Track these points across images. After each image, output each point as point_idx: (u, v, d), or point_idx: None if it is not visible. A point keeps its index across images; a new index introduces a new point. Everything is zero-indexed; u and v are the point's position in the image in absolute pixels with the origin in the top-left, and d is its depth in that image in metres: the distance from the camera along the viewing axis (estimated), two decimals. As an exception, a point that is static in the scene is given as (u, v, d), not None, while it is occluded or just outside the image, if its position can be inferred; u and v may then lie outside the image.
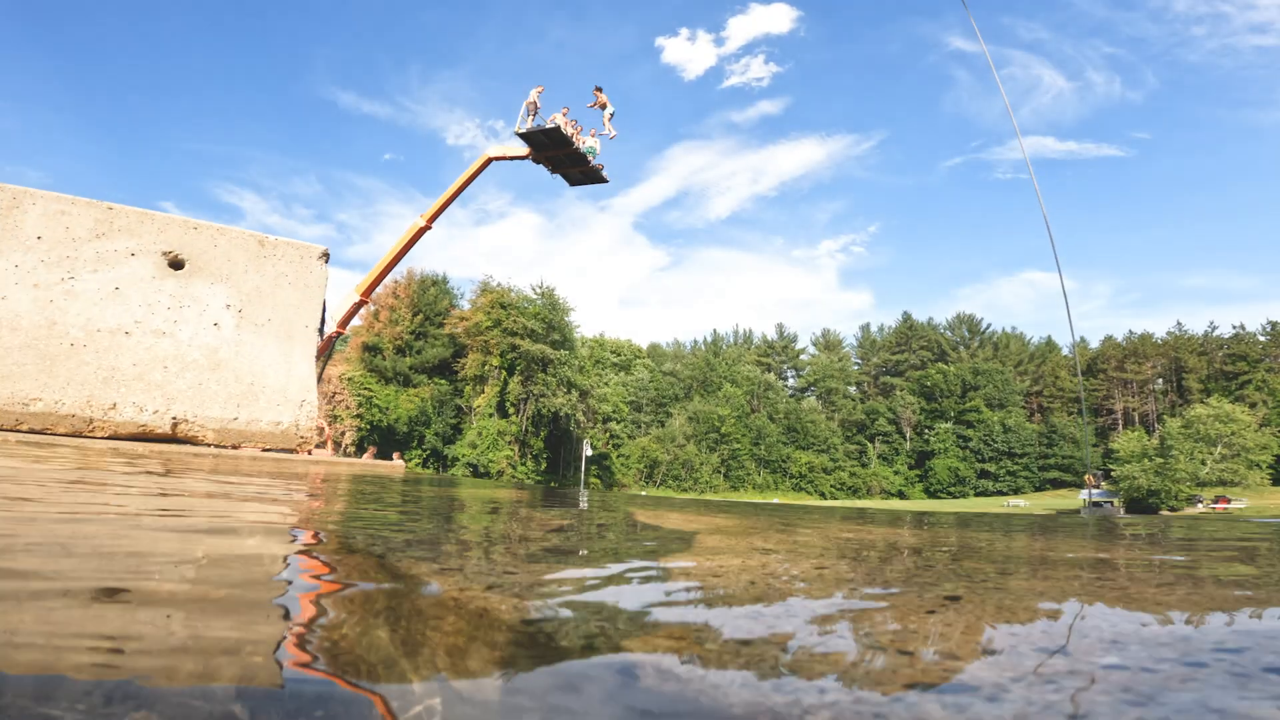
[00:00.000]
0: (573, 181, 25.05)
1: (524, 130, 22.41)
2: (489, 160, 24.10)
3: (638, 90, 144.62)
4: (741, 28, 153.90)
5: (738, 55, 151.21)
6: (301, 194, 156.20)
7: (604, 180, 24.85)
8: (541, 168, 23.96)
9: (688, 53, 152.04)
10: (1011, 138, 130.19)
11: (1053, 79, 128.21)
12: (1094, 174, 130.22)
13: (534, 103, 22.45)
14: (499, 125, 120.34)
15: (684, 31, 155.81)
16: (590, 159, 23.40)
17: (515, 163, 24.27)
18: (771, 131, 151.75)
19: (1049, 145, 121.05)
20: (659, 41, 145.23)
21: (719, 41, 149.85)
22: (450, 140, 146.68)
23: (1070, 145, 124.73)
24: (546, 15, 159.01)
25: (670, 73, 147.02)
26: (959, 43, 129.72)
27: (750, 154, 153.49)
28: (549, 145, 22.74)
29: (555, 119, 22.17)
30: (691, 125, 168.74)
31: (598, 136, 23.48)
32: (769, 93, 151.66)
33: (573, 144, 22.62)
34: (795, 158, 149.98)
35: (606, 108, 23.19)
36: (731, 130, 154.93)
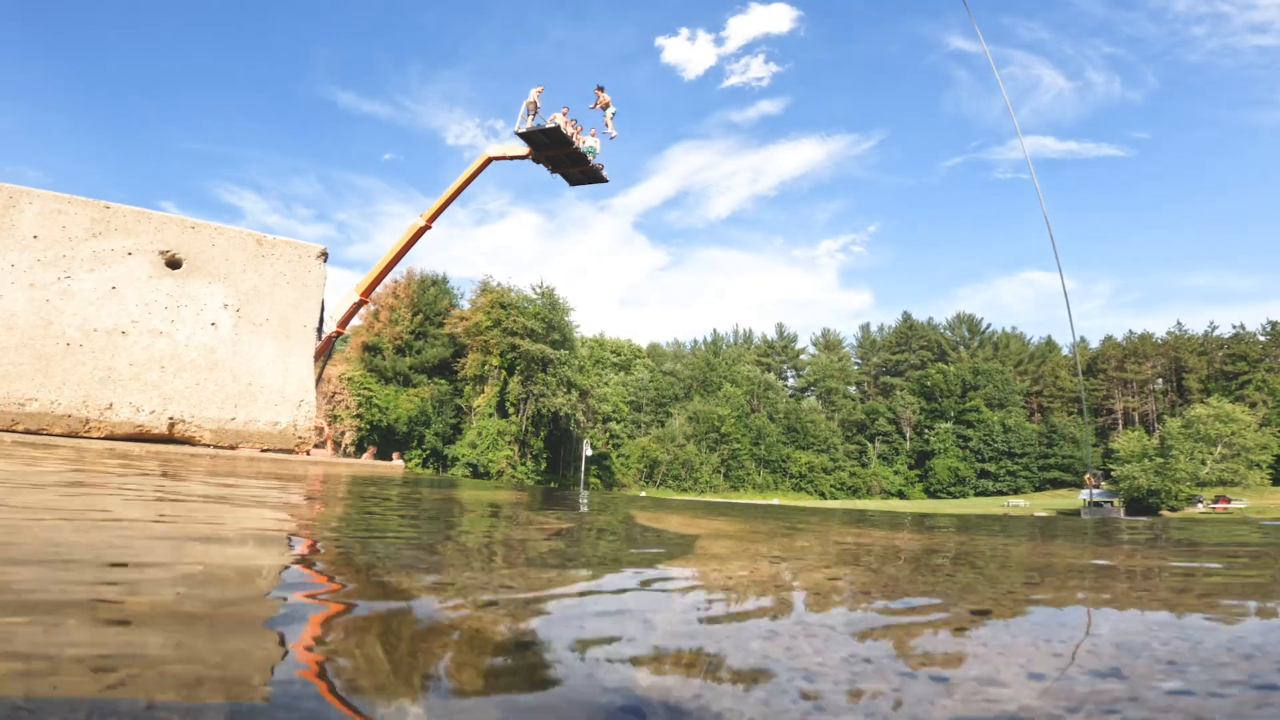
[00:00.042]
0: (573, 181, 25.00)
1: (524, 130, 22.36)
2: (489, 160, 24.05)
3: (638, 90, 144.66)
4: (741, 28, 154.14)
5: (738, 55, 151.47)
6: (301, 194, 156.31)
7: (604, 180, 24.80)
8: (541, 167, 23.92)
9: (688, 53, 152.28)
10: (1011, 137, 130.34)
11: (1053, 79, 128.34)
12: (1094, 174, 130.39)
13: (534, 102, 22.41)
14: (499, 125, 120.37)
15: (684, 31, 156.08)
16: (590, 158, 23.35)
17: (515, 162, 24.22)
18: (771, 131, 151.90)
19: (1049, 145, 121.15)
20: (659, 41, 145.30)
21: (719, 41, 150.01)
22: (450, 140, 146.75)
23: (1070, 145, 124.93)
24: (546, 15, 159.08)
25: (670, 73, 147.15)
26: (959, 42, 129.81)
27: (750, 154, 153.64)
28: (549, 145, 22.69)
29: (555, 118, 22.12)
30: (691, 125, 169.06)
31: (598, 136, 23.43)
32: (769, 92, 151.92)
33: (572, 143, 22.58)
34: (795, 158, 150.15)
35: (609, 108, 23.12)
36: (731, 130, 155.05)
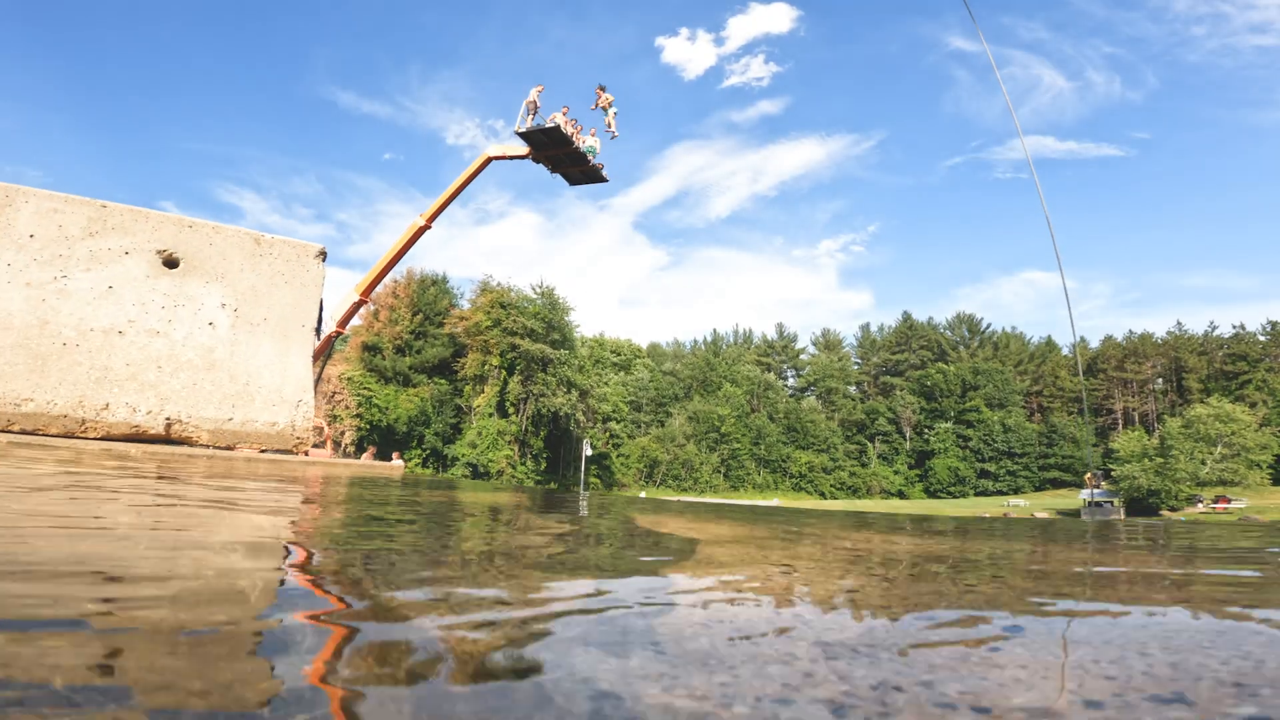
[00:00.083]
0: (572, 181, 24.97)
1: (524, 129, 22.33)
2: (489, 159, 24.02)
3: (638, 90, 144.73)
4: (741, 27, 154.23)
5: (738, 55, 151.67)
6: (301, 194, 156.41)
7: (604, 179, 24.77)
8: (541, 167, 23.89)
9: (688, 52, 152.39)
10: (1011, 137, 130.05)
11: (1053, 79, 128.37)
12: (1094, 174, 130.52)
13: (534, 102, 22.38)
14: (499, 125, 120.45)
15: (684, 31, 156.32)
16: (590, 158, 23.32)
17: (515, 162, 24.19)
18: (771, 131, 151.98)
19: (1049, 145, 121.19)
20: (659, 41, 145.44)
21: (719, 41, 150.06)
22: (450, 140, 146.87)
23: (1070, 145, 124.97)
24: (546, 15, 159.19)
25: (670, 72, 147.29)
26: (959, 42, 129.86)
27: (750, 154, 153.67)
28: (549, 144, 22.66)
29: (555, 118, 22.09)
30: (691, 125, 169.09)
31: (598, 135, 23.40)
32: (769, 92, 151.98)
33: (572, 143, 22.55)
34: (795, 157, 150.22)
35: (610, 107, 23.06)
36: (731, 130, 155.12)
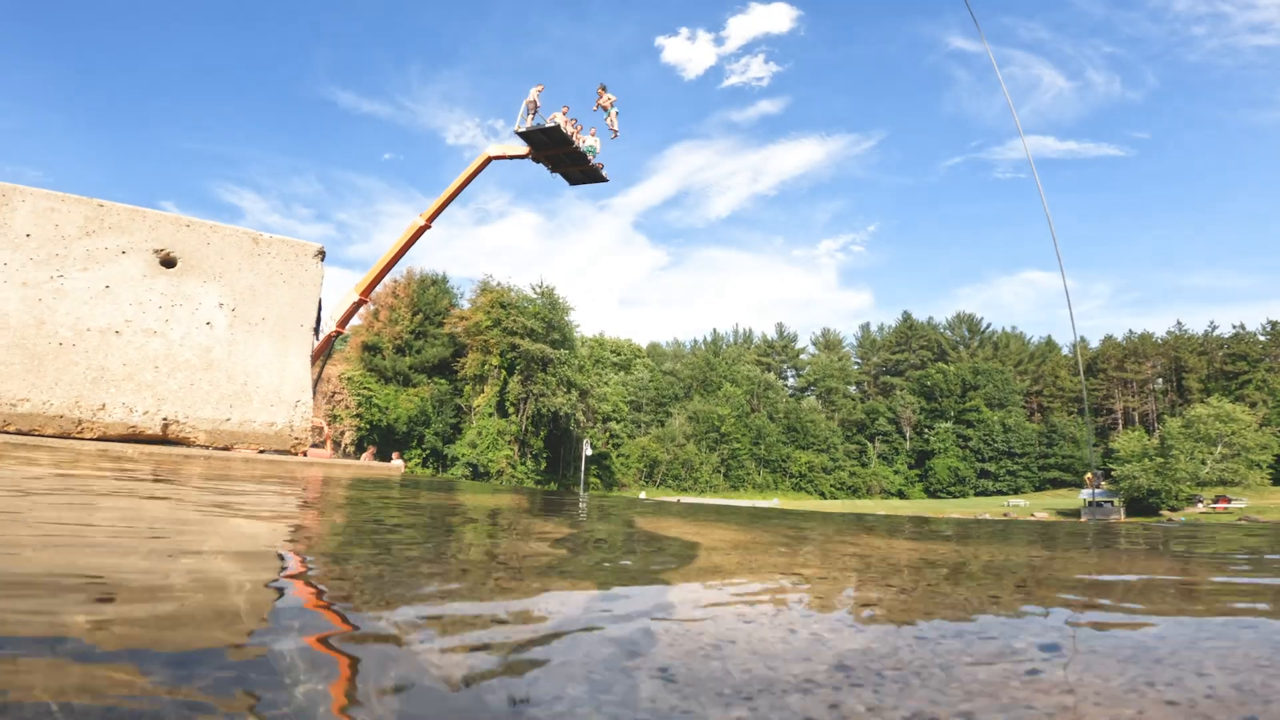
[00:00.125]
0: (572, 180, 24.94)
1: (524, 129, 22.30)
2: (489, 159, 23.99)
3: (638, 90, 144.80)
4: (741, 27, 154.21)
5: (738, 55, 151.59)
6: (301, 193, 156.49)
7: (604, 179, 24.74)
8: (541, 166, 23.86)
9: (688, 52, 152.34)
10: (1011, 137, 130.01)
11: (1053, 79, 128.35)
12: (1094, 174, 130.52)
13: (534, 101, 22.35)
14: (499, 124, 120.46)
15: (684, 31, 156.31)
16: (590, 158, 23.29)
17: (515, 162, 24.16)
18: (771, 131, 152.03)
19: (1049, 145, 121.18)
20: (659, 41, 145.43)
21: (719, 41, 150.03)
22: (450, 140, 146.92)
23: (1070, 145, 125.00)
24: (546, 15, 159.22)
25: (670, 72, 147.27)
26: (959, 42, 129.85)
27: (750, 153, 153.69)
28: (549, 144, 22.63)
29: (555, 118, 22.06)
30: (691, 125, 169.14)
31: (598, 135, 23.37)
32: (769, 92, 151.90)
33: (572, 143, 22.52)
34: (795, 157, 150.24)
35: (611, 107, 23.02)
36: (731, 130, 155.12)
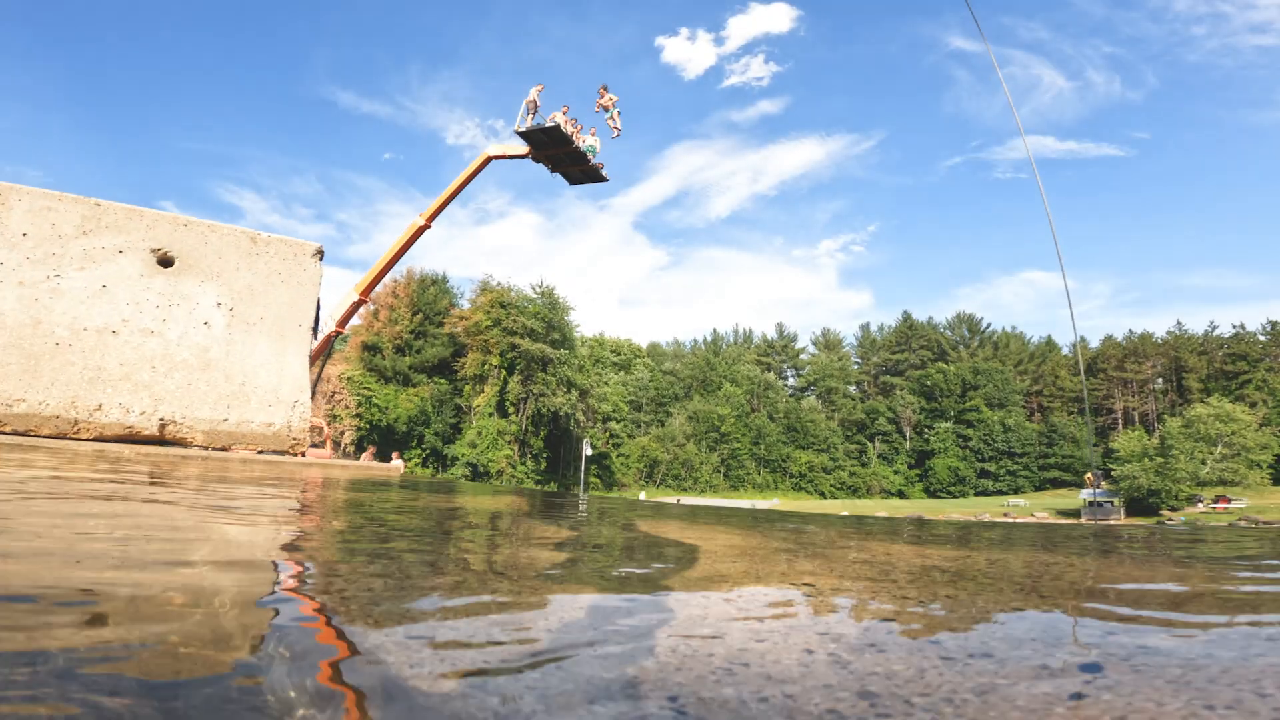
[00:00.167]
0: (572, 180, 24.91)
1: (524, 129, 22.28)
2: (488, 159, 23.96)
3: (638, 90, 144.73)
4: (741, 27, 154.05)
5: (738, 55, 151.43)
6: (301, 193, 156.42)
7: (604, 179, 24.71)
8: (541, 166, 23.84)
9: (688, 52, 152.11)
10: (1011, 137, 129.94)
11: (1053, 79, 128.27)
12: (1094, 174, 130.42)
13: (534, 101, 22.32)
14: (499, 124, 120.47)
15: (684, 31, 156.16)
16: (590, 157, 23.26)
17: (515, 161, 24.12)
18: (771, 131, 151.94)
19: (1049, 145, 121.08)
20: (659, 41, 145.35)
21: (719, 41, 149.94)
22: (450, 140, 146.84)
23: (1070, 145, 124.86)
24: (546, 15, 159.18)
25: (670, 72, 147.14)
26: (959, 42, 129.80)
27: (750, 153, 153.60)
28: (549, 144, 22.60)
29: (555, 117, 22.03)
30: (691, 125, 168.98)
31: (599, 135, 23.34)
32: (769, 92, 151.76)
33: (572, 142, 22.49)
34: (795, 157, 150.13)
35: (613, 107, 22.98)
36: (731, 130, 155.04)
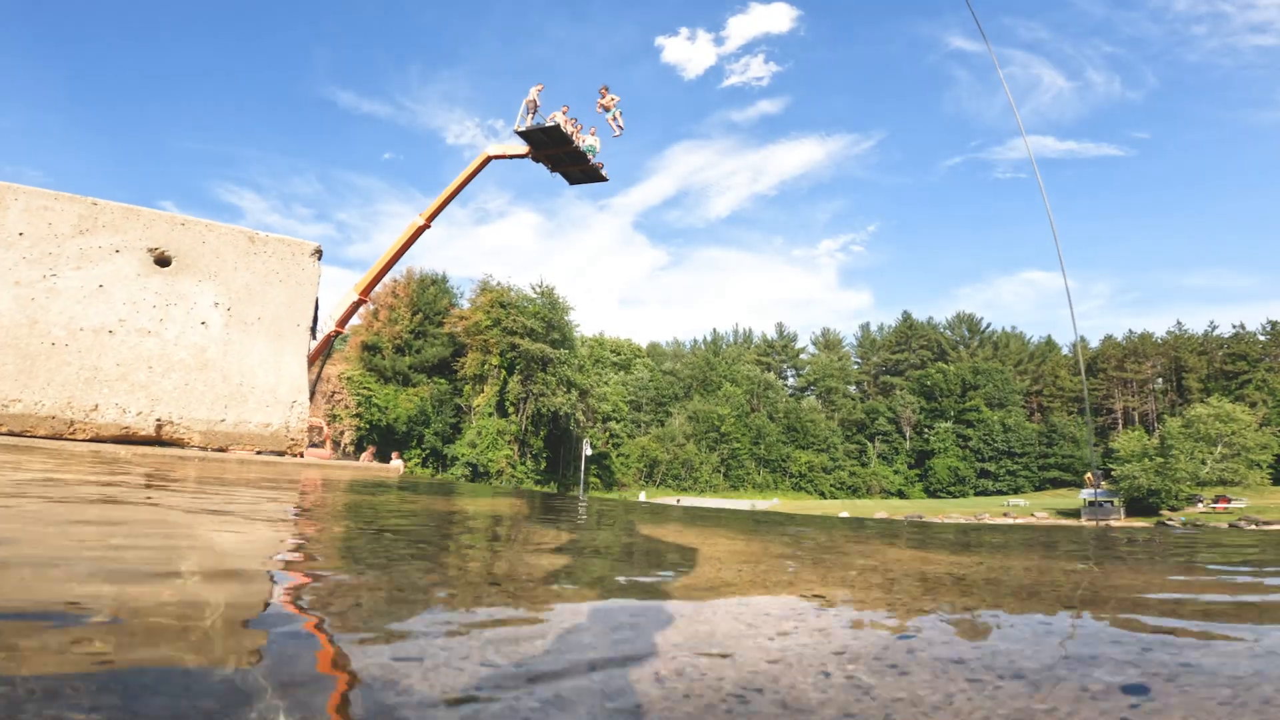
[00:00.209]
0: (572, 180, 24.89)
1: (523, 128, 22.26)
2: (488, 159, 23.94)
3: (638, 90, 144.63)
4: (741, 27, 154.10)
5: (738, 55, 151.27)
6: (301, 193, 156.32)
7: (603, 179, 24.69)
8: (541, 166, 23.82)
9: (688, 52, 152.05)
10: (1011, 137, 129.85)
11: (1052, 79, 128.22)
12: (1094, 174, 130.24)
13: (533, 101, 22.31)
14: (499, 124, 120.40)
15: (684, 31, 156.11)
16: (590, 157, 23.25)
17: (515, 161, 24.11)
18: (771, 131, 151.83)
19: (1049, 145, 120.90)
20: (659, 41, 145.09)
21: (719, 41, 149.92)
22: (450, 139, 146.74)
23: (1070, 145, 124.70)
24: (546, 15, 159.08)
25: (670, 72, 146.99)
26: (959, 42, 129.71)
27: (750, 153, 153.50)
28: (548, 143, 22.58)
29: (555, 117, 22.01)
30: (691, 125, 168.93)
31: (598, 134, 23.32)
32: (769, 92, 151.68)
33: (572, 142, 22.47)
34: (795, 157, 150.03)
35: (614, 107, 22.94)
36: (731, 130, 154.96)
